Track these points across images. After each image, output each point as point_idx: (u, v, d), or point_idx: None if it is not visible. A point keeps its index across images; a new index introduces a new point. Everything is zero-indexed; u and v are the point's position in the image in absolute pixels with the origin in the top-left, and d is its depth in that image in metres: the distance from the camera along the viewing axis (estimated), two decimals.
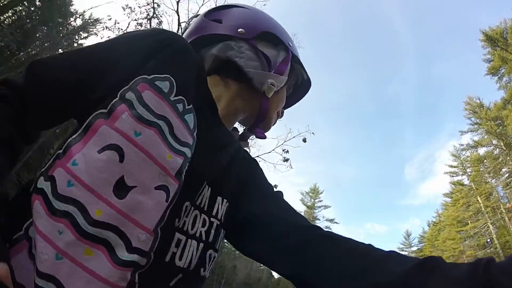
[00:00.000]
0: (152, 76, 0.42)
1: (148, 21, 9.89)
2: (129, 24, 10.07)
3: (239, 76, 0.59)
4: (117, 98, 0.39)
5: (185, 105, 0.45)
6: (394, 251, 0.43)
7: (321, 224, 36.93)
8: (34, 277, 0.33)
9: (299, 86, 0.73)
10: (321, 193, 39.22)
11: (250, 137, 0.69)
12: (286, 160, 10.30)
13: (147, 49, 0.45)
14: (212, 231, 0.48)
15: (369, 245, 0.44)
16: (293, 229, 0.48)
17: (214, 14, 0.65)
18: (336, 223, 37.92)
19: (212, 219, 0.48)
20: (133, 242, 0.36)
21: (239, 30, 0.60)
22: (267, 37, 0.62)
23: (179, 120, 0.43)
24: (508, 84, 26.14)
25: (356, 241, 0.45)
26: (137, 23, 10.03)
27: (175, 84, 0.44)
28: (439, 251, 36.17)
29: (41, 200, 0.34)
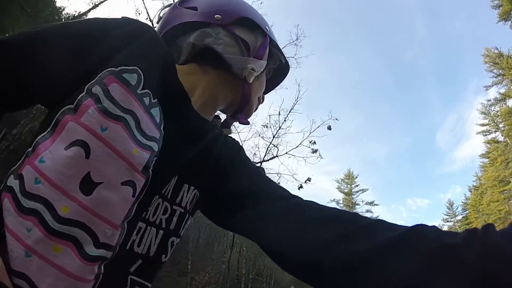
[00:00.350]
0: (120, 68, 0.41)
1: (138, 16, 9.69)
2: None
3: (218, 63, 0.58)
4: (83, 93, 0.39)
5: (151, 99, 0.45)
6: (382, 219, 0.41)
7: (361, 208, 36.03)
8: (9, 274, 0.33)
9: (277, 70, 0.74)
10: (356, 177, 38.31)
11: (234, 124, 0.69)
12: (315, 151, 10.20)
13: (116, 40, 0.44)
14: (174, 218, 0.49)
15: (355, 213, 0.44)
16: (271, 198, 0.50)
17: (188, 2, 0.64)
18: (376, 205, 36.81)
19: (174, 207, 0.49)
20: (100, 238, 0.37)
21: (216, 16, 0.59)
22: (244, 22, 0.62)
23: (145, 114, 0.43)
24: None
25: (342, 210, 0.44)
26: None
27: (142, 77, 0.43)
28: (484, 216, 34.51)
29: (10, 198, 0.35)
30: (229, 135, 0.65)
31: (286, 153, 10.55)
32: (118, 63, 0.41)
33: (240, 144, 0.65)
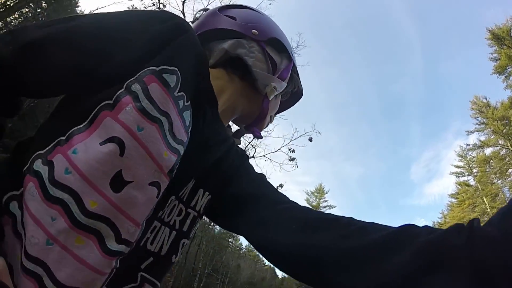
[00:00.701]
0: (161, 67, 0.40)
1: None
2: None
3: (245, 74, 0.61)
4: (123, 89, 0.38)
5: (185, 102, 0.45)
6: (375, 222, 0.44)
7: None
8: (21, 256, 0.33)
9: (293, 94, 0.77)
10: (326, 193, 39.01)
11: (245, 135, 0.72)
12: (292, 159, 10.33)
13: (157, 37, 0.42)
14: (188, 221, 0.50)
15: (351, 217, 0.45)
16: (272, 203, 0.52)
17: (229, 10, 0.66)
18: None
19: (189, 210, 0.50)
20: (123, 234, 0.37)
21: (253, 31, 0.61)
22: (274, 43, 0.65)
23: (178, 117, 0.43)
24: None
25: (339, 215, 0.46)
26: None
27: (180, 79, 0.43)
28: None
29: (37, 184, 0.34)
30: (238, 145, 0.67)
31: (264, 155, 10.77)
32: (159, 62, 0.41)
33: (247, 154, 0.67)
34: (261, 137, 0.70)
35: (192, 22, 0.69)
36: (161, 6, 9.57)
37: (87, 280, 0.35)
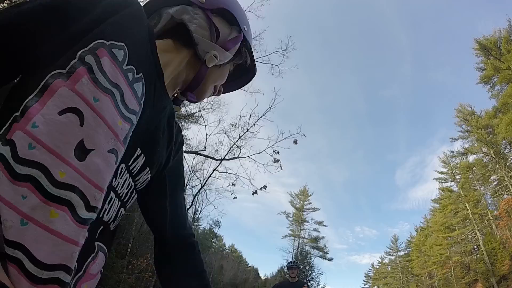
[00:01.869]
0: (110, 42, 0.43)
1: None
2: None
3: (188, 40, 0.61)
4: (76, 59, 0.39)
5: (135, 74, 0.47)
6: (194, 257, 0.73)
7: (310, 226, 36.66)
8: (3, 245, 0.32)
9: (242, 70, 0.76)
10: (311, 195, 39.01)
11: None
12: (276, 161, 10.06)
13: (104, 8, 0.45)
14: (129, 193, 0.54)
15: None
16: (172, 235, 0.70)
17: None
18: (325, 225, 37.75)
19: (133, 183, 0.54)
20: (91, 201, 0.39)
21: None
22: (225, 14, 0.65)
23: (129, 88, 0.45)
24: (500, 93, 26.41)
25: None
26: None
27: (127, 53, 0.45)
28: (425, 256, 36.40)
29: (1, 165, 0.33)
30: (177, 111, 0.69)
31: (248, 156, 10.47)
32: (108, 36, 0.43)
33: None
34: (195, 102, 0.69)
35: None
36: None
37: (66, 255, 0.36)
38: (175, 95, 0.68)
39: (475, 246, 29.40)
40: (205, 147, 11.10)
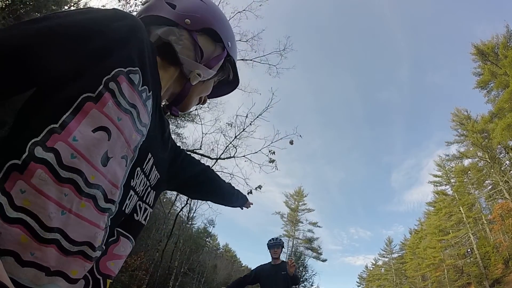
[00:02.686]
0: (128, 69, 0.51)
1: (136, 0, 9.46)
2: None
3: (174, 59, 0.67)
4: (102, 86, 0.47)
5: (147, 93, 0.57)
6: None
7: (304, 227, 36.56)
8: (32, 233, 0.40)
9: (226, 82, 0.85)
10: (306, 196, 38.96)
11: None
12: (272, 161, 9.99)
13: (117, 37, 0.51)
14: (145, 190, 0.64)
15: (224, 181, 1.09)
16: (198, 173, 0.94)
17: None
18: (319, 226, 37.76)
19: (147, 182, 0.64)
20: (108, 195, 0.49)
21: (186, 20, 0.67)
22: (210, 32, 0.70)
23: (143, 106, 0.55)
24: (496, 99, 26.56)
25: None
26: (126, 1, 9.62)
27: (141, 77, 0.54)
28: (419, 259, 36.55)
29: (46, 169, 0.41)
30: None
31: (244, 156, 10.48)
32: (125, 63, 0.51)
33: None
34: (177, 115, 0.76)
35: (143, 4, 0.80)
36: None
37: (91, 234, 0.47)
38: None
39: (469, 250, 29.58)
40: (200, 146, 11.10)
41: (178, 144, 0.86)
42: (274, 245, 3.96)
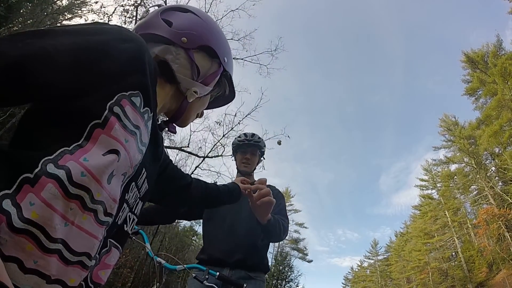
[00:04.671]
0: (129, 92, 0.52)
1: (135, 8, 9.62)
2: (115, 9, 9.92)
3: (171, 78, 0.67)
4: (107, 111, 0.49)
5: (149, 114, 0.58)
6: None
7: (291, 227, 36.57)
8: (37, 244, 0.41)
9: (222, 96, 0.86)
10: (292, 197, 38.85)
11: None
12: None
13: (123, 61, 0.51)
14: (136, 202, 0.65)
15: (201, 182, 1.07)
16: (180, 186, 0.95)
17: (168, 14, 0.71)
18: (305, 227, 37.89)
19: (138, 194, 0.65)
20: (108, 209, 0.51)
21: (182, 38, 0.67)
22: (206, 49, 0.71)
23: (144, 127, 0.57)
24: (484, 106, 27.13)
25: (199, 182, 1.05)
26: (124, 9, 9.67)
27: (143, 99, 0.55)
28: (404, 261, 37.03)
29: (56, 185, 0.42)
30: None
31: (232, 154, 9.98)
32: (127, 88, 0.52)
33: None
34: (175, 132, 0.77)
35: (140, 19, 0.75)
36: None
37: (90, 245, 0.48)
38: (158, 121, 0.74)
39: (453, 253, 30.11)
40: (188, 144, 10.84)
41: (166, 144, 0.65)
42: (245, 144, 1.96)
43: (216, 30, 0.75)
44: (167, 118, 0.74)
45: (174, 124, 0.75)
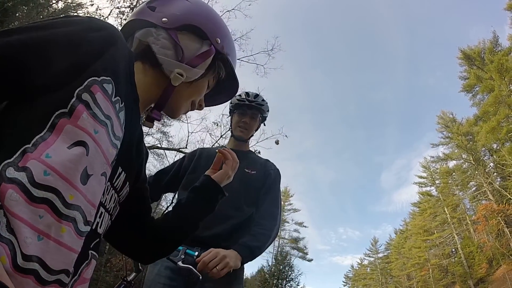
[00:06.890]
0: (101, 78, 0.48)
1: (131, 10, 9.78)
2: (111, 11, 9.97)
3: (153, 61, 0.63)
4: (74, 98, 0.44)
5: (120, 104, 0.53)
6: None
7: (290, 227, 36.52)
8: (12, 260, 0.36)
9: (222, 84, 0.76)
10: (291, 196, 38.87)
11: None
12: None
13: (93, 47, 0.48)
14: (115, 207, 0.60)
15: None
16: (141, 222, 0.74)
17: (156, 2, 0.68)
18: (305, 226, 37.87)
19: (117, 198, 0.60)
20: (88, 217, 0.46)
21: (163, 19, 0.64)
22: (193, 29, 0.66)
23: (116, 118, 0.51)
24: (481, 102, 27.25)
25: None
26: (120, 11, 9.70)
27: (114, 87, 0.51)
28: (404, 259, 37.16)
29: (17, 189, 0.37)
30: (149, 127, 0.73)
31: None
32: (99, 72, 0.48)
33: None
34: (159, 120, 0.69)
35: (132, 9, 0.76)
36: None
37: (68, 261, 0.43)
38: (147, 112, 0.69)
39: (453, 249, 30.27)
40: (186, 145, 10.71)
41: (163, 145, 0.61)
42: (245, 105, 1.70)
43: (206, 10, 0.71)
44: (153, 105, 0.68)
45: (160, 112, 0.68)
